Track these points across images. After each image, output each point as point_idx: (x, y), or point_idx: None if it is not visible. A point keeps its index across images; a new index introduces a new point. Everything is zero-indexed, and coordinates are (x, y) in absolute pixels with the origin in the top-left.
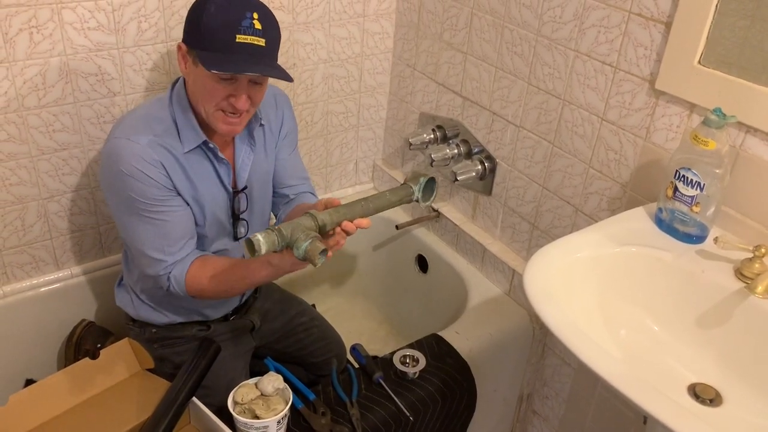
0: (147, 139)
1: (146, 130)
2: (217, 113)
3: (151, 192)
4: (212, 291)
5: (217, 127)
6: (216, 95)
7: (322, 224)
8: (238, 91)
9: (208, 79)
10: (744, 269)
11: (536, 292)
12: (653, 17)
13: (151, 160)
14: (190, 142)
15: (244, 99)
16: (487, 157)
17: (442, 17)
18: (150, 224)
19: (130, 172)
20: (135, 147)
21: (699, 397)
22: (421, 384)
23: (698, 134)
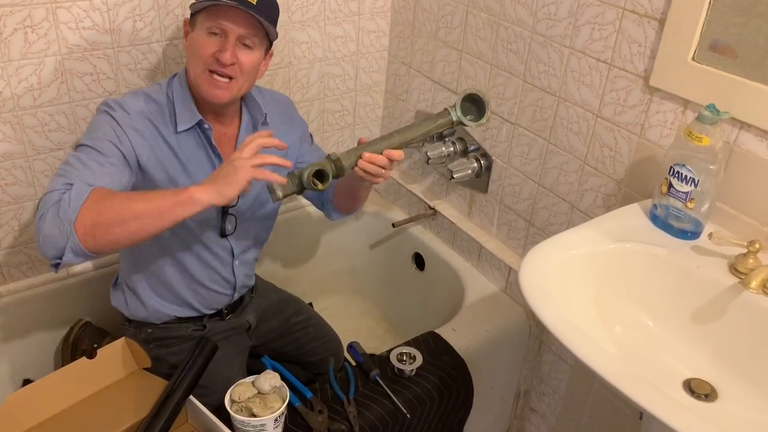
0: (137, 109)
1: (139, 102)
2: (205, 75)
3: (108, 135)
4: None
5: (205, 89)
6: (204, 51)
7: (335, 158)
8: (224, 45)
9: (200, 37)
10: (738, 264)
11: (532, 289)
12: (647, 14)
13: (130, 121)
14: (185, 121)
15: (229, 53)
16: (483, 154)
17: (437, 15)
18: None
19: (107, 111)
20: (124, 105)
21: (694, 392)
22: (418, 381)
23: (692, 130)
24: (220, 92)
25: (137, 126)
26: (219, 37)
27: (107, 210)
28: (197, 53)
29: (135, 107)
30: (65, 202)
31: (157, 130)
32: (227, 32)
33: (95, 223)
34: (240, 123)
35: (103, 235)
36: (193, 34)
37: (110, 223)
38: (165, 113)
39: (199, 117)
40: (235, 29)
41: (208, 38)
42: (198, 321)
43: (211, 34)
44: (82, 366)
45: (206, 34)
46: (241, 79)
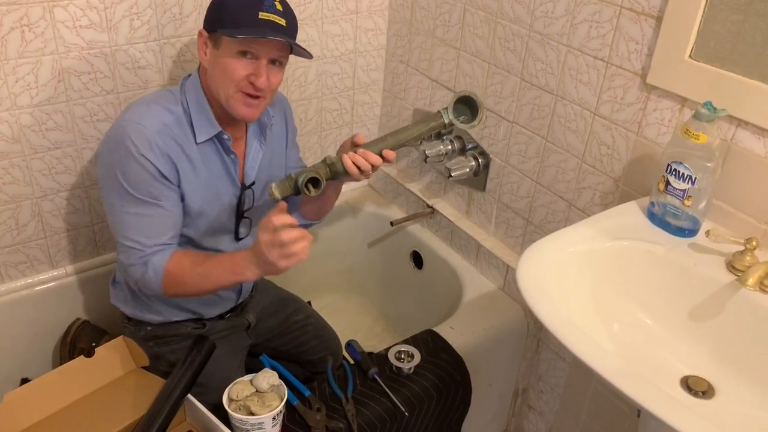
0: (157, 128)
1: (156, 119)
2: (237, 95)
3: (149, 180)
4: (192, 280)
5: (237, 109)
6: (237, 74)
7: (330, 162)
8: (258, 69)
9: (229, 58)
10: (735, 262)
11: (530, 287)
12: (644, 12)
13: (157, 149)
14: (203, 133)
15: (265, 77)
16: (481, 153)
17: (434, 13)
18: (137, 213)
19: (135, 155)
20: (145, 132)
21: (692, 389)
22: (416, 379)
23: (689, 128)
24: (252, 111)
25: (160, 151)
26: (250, 59)
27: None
28: (229, 75)
29: (153, 126)
30: (147, 282)
31: (177, 145)
32: (260, 56)
33: (176, 294)
34: (247, 126)
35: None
36: (218, 52)
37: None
38: (183, 124)
39: (219, 129)
40: (268, 53)
41: (239, 60)
42: (198, 320)
43: (242, 56)
44: (80, 365)
45: (236, 55)
46: (269, 96)
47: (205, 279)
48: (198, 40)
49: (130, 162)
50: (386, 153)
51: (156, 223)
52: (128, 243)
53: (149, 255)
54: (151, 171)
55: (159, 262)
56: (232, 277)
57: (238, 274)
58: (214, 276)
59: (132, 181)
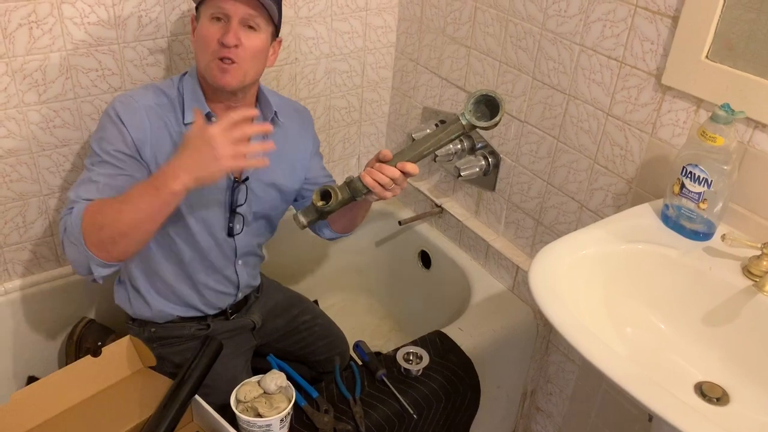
0: (145, 103)
1: (148, 97)
2: (213, 63)
3: (118, 145)
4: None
5: (214, 77)
6: (209, 39)
7: (349, 180)
8: (226, 28)
9: (202, 26)
10: (752, 267)
11: (541, 290)
12: (660, 11)
13: (138, 119)
14: (191, 113)
15: (232, 34)
16: (491, 152)
17: (445, 11)
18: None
19: (113, 118)
20: (130, 101)
21: (706, 395)
22: (424, 381)
23: (706, 130)
24: (228, 77)
25: (140, 122)
26: (222, 22)
27: (103, 228)
28: (203, 43)
29: (143, 101)
30: (69, 226)
31: (164, 124)
32: (229, 15)
33: (100, 240)
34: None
35: (114, 247)
36: (198, 25)
37: (113, 237)
38: (175, 106)
39: (207, 109)
40: (236, 11)
41: (211, 25)
42: (202, 320)
43: (214, 20)
44: (86, 364)
45: (209, 21)
46: (246, 64)
47: (125, 206)
48: (190, 26)
49: (107, 124)
50: (402, 165)
51: (107, 188)
52: (71, 196)
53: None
54: (125, 136)
55: (80, 205)
56: (154, 193)
57: (161, 186)
58: (135, 200)
59: (104, 142)
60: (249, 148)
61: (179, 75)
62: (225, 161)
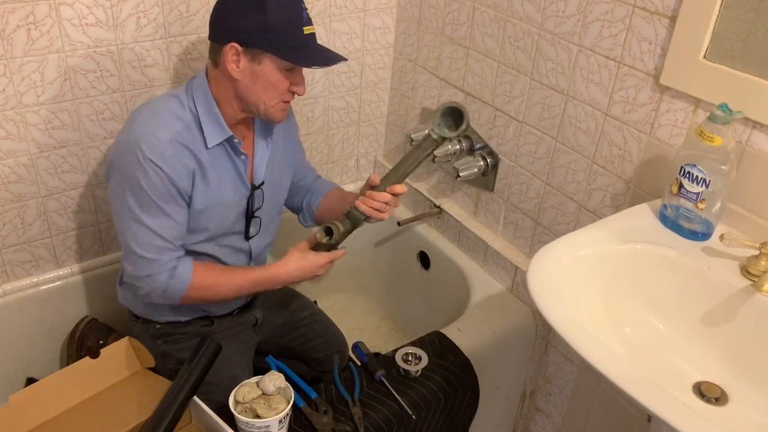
0: (168, 136)
1: (166, 127)
2: (278, 105)
3: (163, 189)
4: (220, 290)
5: (276, 117)
6: (282, 87)
7: (347, 212)
8: (298, 79)
9: (276, 74)
10: (750, 267)
11: (540, 290)
12: (658, 11)
13: (171, 158)
14: (213, 138)
15: (304, 87)
16: (490, 153)
17: (443, 11)
18: (151, 222)
19: (149, 166)
20: (157, 143)
21: (704, 395)
22: (423, 382)
23: (704, 130)
24: (284, 114)
25: (171, 160)
26: (290, 73)
27: (208, 299)
28: (275, 89)
29: (164, 135)
30: (170, 291)
31: (189, 151)
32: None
33: (194, 301)
34: (254, 126)
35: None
36: (260, 67)
37: (209, 302)
38: (192, 129)
39: (229, 132)
40: None
41: (284, 76)
42: (206, 317)
43: (288, 71)
44: (85, 366)
45: (282, 70)
46: None
47: (235, 287)
48: (228, 52)
49: (144, 173)
50: (391, 189)
51: (168, 233)
52: (143, 253)
53: (170, 263)
54: (165, 181)
55: (185, 271)
56: (270, 286)
57: (277, 284)
58: (245, 288)
59: (146, 191)
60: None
61: (183, 90)
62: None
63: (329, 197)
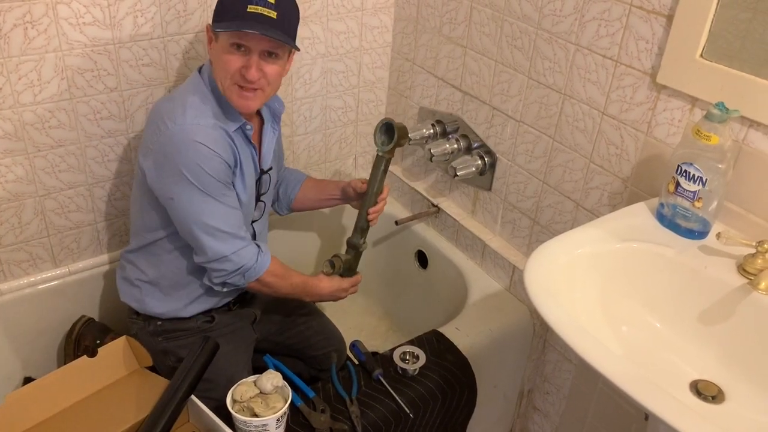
0: (209, 122)
1: (201, 114)
2: (233, 87)
3: (225, 172)
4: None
5: (233, 101)
6: (230, 66)
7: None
8: (248, 62)
9: (223, 52)
10: (747, 265)
11: (537, 289)
12: (654, 10)
13: (220, 142)
14: (232, 124)
15: (254, 70)
16: (487, 152)
17: (441, 11)
18: (225, 204)
19: (207, 153)
20: (205, 129)
21: (701, 394)
22: (421, 381)
23: (700, 129)
24: (247, 103)
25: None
26: (243, 53)
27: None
28: (224, 68)
29: (206, 122)
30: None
31: (226, 133)
32: (251, 48)
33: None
34: (261, 115)
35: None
36: (217, 46)
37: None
38: (219, 115)
39: (243, 119)
40: (258, 45)
41: (232, 53)
42: (207, 313)
43: (235, 47)
44: (82, 365)
45: (230, 48)
46: (268, 89)
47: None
48: (206, 35)
49: (206, 161)
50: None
51: (237, 213)
52: (229, 229)
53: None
54: (223, 163)
55: (267, 253)
56: (306, 295)
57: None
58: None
59: (214, 174)
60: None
61: (197, 77)
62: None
63: (305, 187)
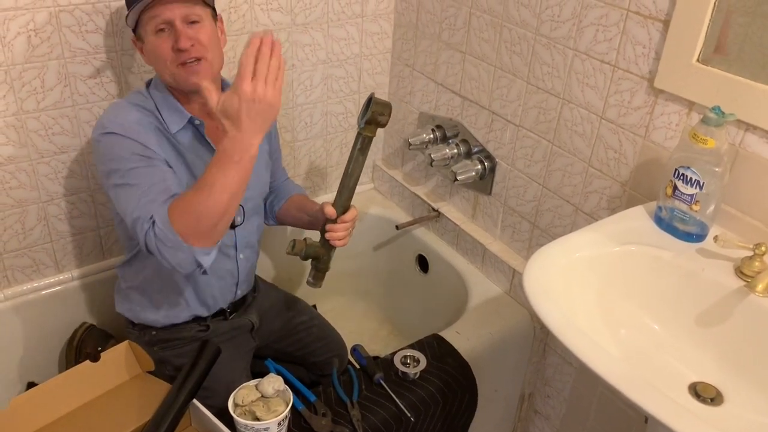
0: (132, 118)
1: (129, 113)
2: (178, 69)
3: (135, 151)
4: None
5: (186, 81)
6: (163, 51)
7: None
8: (175, 34)
9: (151, 42)
10: (744, 268)
11: (536, 292)
12: (651, 15)
13: (136, 125)
14: (175, 123)
15: (183, 38)
16: (487, 156)
17: (440, 17)
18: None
19: (115, 136)
20: (117, 120)
21: (700, 396)
22: (422, 384)
23: (697, 132)
24: (200, 75)
25: (136, 129)
26: (167, 31)
27: (201, 218)
28: (159, 56)
29: (130, 118)
30: (161, 235)
31: (159, 131)
32: (171, 20)
33: (200, 232)
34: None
35: (214, 231)
36: (144, 44)
37: (213, 222)
38: (157, 118)
39: (189, 115)
40: (175, 13)
41: (158, 38)
42: (202, 321)
43: (159, 32)
44: (85, 369)
45: (155, 35)
46: (209, 55)
47: (209, 189)
48: (135, 48)
49: (113, 142)
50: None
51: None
52: (136, 214)
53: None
54: (135, 144)
55: (162, 210)
56: (236, 166)
57: (241, 158)
58: (218, 179)
59: (121, 157)
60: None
61: (145, 86)
62: (277, 103)
63: (291, 201)
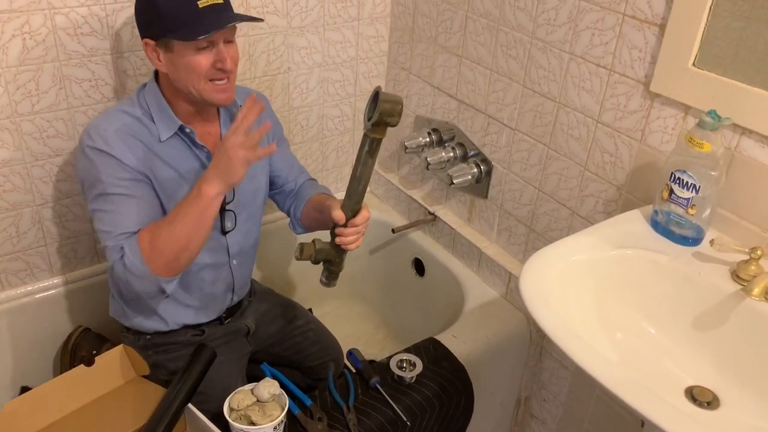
0: (115, 127)
1: (113, 120)
2: (208, 86)
3: (113, 173)
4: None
5: (213, 98)
6: (202, 67)
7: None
8: (220, 55)
9: (188, 56)
10: (740, 271)
11: (532, 296)
12: (647, 19)
13: (116, 144)
14: (165, 130)
15: (230, 59)
16: (483, 160)
17: (436, 20)
18: (108, 209)
19: (93, 152)
20: (102, 132)
21: (696, 399)
22: (418, 388)
23: (693, 136)
24: (228, 94)
25: (120, 146)
26: (208, 49)
27: (164, 251)
28: (195, 72)
29: (111, 126)
30: (131, 265)
31: (140, 142)
32: (215, 42)
33: (165, 263)
34: (220, 119)
35: (177, 263)
36: (174, 55)
37: (176, 255)
38: (145, 123)
39: (179, 123)
40: (221, 37)
41: (201, 55)
42: (197, 326)
43: (203, 50)
44: (79, 374)
45: (197, 52)
46: (233, 75)
47: (175, 224)
48: (145, 50)
49: (92, 160)
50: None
51: (128, 213)
52: (108, 243)
53: (121, 242)
54: (113, 163)
55: (131, 241)
56: (200, 204)
57: (200, 195)
58: (181, 215)
59: (103, 177)
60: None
61: (135, 92)
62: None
63: (309, 203)
